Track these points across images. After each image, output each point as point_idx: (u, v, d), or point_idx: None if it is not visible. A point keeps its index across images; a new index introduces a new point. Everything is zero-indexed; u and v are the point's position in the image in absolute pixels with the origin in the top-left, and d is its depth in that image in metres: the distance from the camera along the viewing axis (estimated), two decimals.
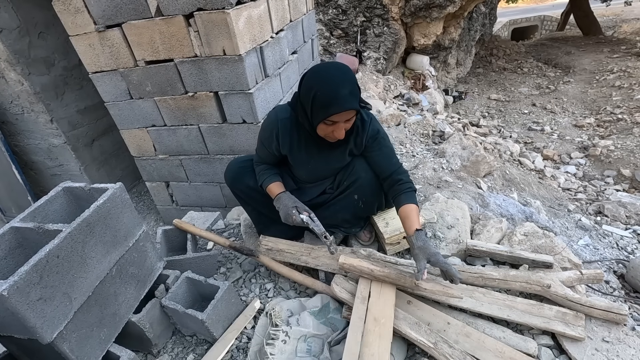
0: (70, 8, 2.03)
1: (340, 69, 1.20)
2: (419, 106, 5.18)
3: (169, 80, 2.16)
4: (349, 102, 1.15)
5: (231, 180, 1.57)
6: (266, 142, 1.43)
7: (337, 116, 1.16)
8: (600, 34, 11.37)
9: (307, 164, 1.44)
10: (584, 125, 5.79)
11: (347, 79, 1.17)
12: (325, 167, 1.46)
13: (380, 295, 1.26)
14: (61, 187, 1.23)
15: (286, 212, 1.35)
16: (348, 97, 1.14)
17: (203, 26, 1.91)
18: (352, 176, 1.43)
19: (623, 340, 1.14)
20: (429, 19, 5.55)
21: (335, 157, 1.43)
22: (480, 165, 2.76)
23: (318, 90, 1.16)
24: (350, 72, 1.21)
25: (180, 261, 1.55)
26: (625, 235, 2.48)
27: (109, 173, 3.50)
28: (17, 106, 2.93)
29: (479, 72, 8.98)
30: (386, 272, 1.28)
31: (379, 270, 1.28)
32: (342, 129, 1.22)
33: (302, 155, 1.42)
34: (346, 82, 1.16)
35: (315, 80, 1.18)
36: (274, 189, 1.43)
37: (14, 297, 0.85)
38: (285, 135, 1.38)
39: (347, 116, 1.18)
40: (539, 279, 1.28)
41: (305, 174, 1.49)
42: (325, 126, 1.22)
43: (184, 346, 1.37)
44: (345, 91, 1.14)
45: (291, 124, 1.36)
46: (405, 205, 1.29)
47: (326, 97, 1.14)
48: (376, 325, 1.16)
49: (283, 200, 1.38)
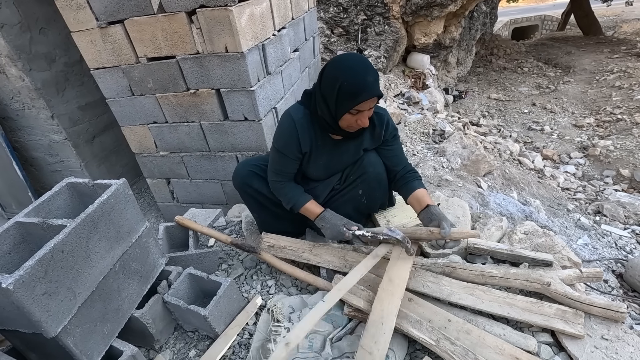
0: (72, 4, 2.03)
1: (361, 58, 1.22)
2: (419, 105, 5.19)
3: (170, 77, 2.16)
4: (376, 88, 1.18)
5: (240, 184, 1.55)
6: (286, 148, 1.37)
7: (364, 104, 1.18)
8: (601, 34, 11.38)
9: (320, 159, 1.44)
10: (584, 125, 5.80)
11: (370, 66, 1.20)
12: (339, 162, 1.47)
13: (397, 262, 1.33)
14: (65, 183, 1.23)
15: (337, 230, 1.36)
16: (374, 84, 1.17)
17: (205, 23, 1.91)
18: (359, 170, 1.45)
19: (622, 338, 1.16)
20: (429, 17, 5.55)
21: (350, 152, 1.44)
22: (480, 165, 2.77)
23: (344, 80, 1.16)
24: (368, 61, 1.23)
25: (182, 257, 1.56)
26: (624, 235, 2.50)
27: (109, 170, 3.50)
28: (17, 102, 2.92)
29: (480, 72, 8.99)
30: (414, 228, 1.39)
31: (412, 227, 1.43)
32: (367, 117, 1.24)
33: (321, 152, 1.42)
34: (370, 70, 1.18)
35: (339, 71, 1.18)
36: (311, 208, 1.42)
37: (20, 291, 0.85)
38: (305, 134, 1.36)
39: (372, 104, 1.21)
40: (539, 277, 1.29)
41: (322, 171, 1.48)
42: (350, 116, 1.23)
43: (186, 342, 1.38)
44: (371, 78, 1.16)
45: (308, 122, 1.35)
46: (418, 190, 1.40)
47: (353, 85, 1.16)
48: (390, 284, 1.25)
49: (329, 219, 1.38)
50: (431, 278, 1.35)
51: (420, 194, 1.40)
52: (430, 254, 1.56)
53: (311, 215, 1.42)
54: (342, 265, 1.46)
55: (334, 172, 1.51)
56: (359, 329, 1.29)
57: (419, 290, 1.32)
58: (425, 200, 1.37)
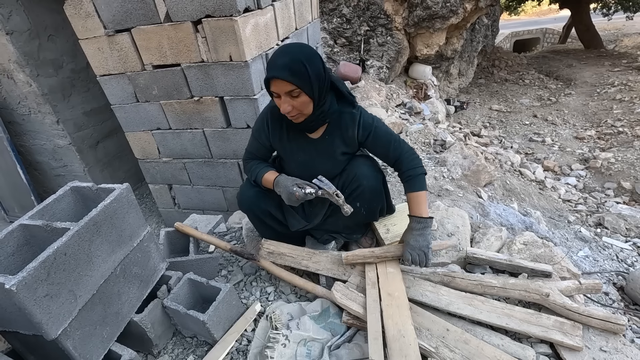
0: (81, 12, 2.08)
1: (293, 45, 1.22)
2: (420, 115, 5.22)
3: (175, 85, 2.20)
4: (281, 71, 1.14)
5: (248, 206, 1.53)
6: (257, 132, 1.46)
7: (273, 85, 1.19)
8: (602, 48, 11.47)
9: (296, 155, 1.44)
10: (585, 137, 5.82)
11: (290, 52, 1.18)
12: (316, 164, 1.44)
13: (387, 275, 1.36)
14: (69, 187, 1.25)
15: (288, 191, 1.31)
16: (280, 67, 1.15)
17: (211, 32, 1.95)
18: (354, 183, 1.42)
19: (621, 350, 1.15)
20: (432, 29, 5.62)
21: (325, 153, 1.41)
22: (481, 175, 2.78)
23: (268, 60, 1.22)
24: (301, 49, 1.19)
25: (182, 263, 1.57)
26: (625, 248, 2.49)
27: (112, 175, 3.53)
28: (24, 107, 2.97)
29: (481, 83, 9.05)
30: (385, 249, 1.43)
31: (379, 250, 1.43)
32: (285, 102, 1.21)
33: (292, 145, 1.42)
34: (286, 55, 1.17)
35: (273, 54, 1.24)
36: (269, 177, 1.41)
37: (22, 292, 0.86)
38: (275, 123, 1.41)
39: (282, 87, 1.17)
40: (538, 287, 1.29)
41: (296, 169, 1.47)
42: (276, 99, 1.24)
43: (184, 347, 1.38)
44: (281, 61, 1.15)
45: (279, 114, 1.34)
46: (412, 194, 1.37)
47: (268, 65, 1.20)
48: (392, 299, 1.26)
49: (282, 182, 1.35)
50: (430, 287, 1.36)
51: (411, 198, 1.36)
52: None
53: (269, 184, 1.41)
54: (342, 273, 1.47)
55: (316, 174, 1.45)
56: (358, 337, 1.29)
57: (418, 299, 1.33)
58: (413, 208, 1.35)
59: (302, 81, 1.16)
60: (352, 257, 1.44)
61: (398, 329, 1.16)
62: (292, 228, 1.53)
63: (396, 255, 1.41)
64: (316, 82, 1.20)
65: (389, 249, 1.43)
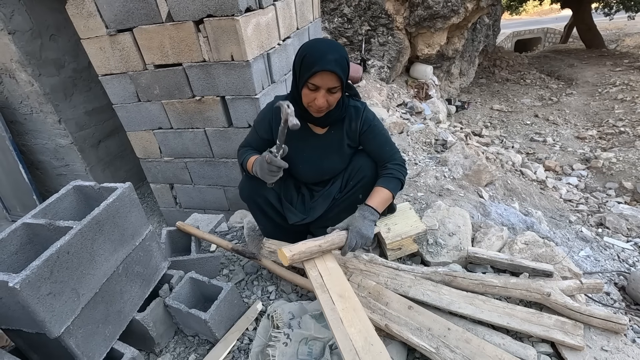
0: (83, 12, 2.08)
1: (333, 42, 1.26)
2: (421, 115, 5.22)
3: (177, 84, 2.20)
4: (332, 65, 1.18)
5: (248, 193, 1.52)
6: (259, 124, 1.46)
7: (319, 78, 1.19)
8: (603, 47, 11.46)
9: (303, 152, 1.44)
10: (586, 137, 5.82)
11: (337, 48, 1.22)
12: (323, 161, 1.44)
13: (329, 271, 1.23)
14: (71, 186, 1.25)
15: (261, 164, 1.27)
16: (332, 62, 1.18)
17: (212, 32, 1.96)
18: (359, 174, 1.43)
19: (622, 350, 1.15)
20: (433, 29, 5.62)
21: (334, 147, 1.42)
22: (482, 175, 2.78)
23: (308, 53, 1.21)
24: (342, 48, 1.25)
25: (184, 262, 1.57)
26: (627, 248, 2.49)
27: (113, 174, 3.53)
28: (26, 106, 2.98)
29: (482, 83, 9.05)
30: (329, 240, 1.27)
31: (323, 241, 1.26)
32: (324, 97, 1.23)
33: (298, 142, 1.41)
34: (334, 50, 1.20)
35: (307, 46, 1.24)
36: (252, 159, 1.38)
37: (26, 290, 0.87)
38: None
39: (329, 81, 1.20)
40: (539, 287, 1.29)
41: (304, 166, 1.47)
42: (308, 91, 1.24)
43: (186, 346, 1.38)
44: (331, 56, 1.18)
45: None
46: (375, 187, 1.37)
47: (312, 57, 1.20)
48: (345, 302, 1.14)
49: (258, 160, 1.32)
50: (431, 287, 1.36)
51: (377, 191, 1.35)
52: (430, 262, 1.57)
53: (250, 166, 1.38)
54: (343, 272, 1.47)
55: (321, 172, 1.48)
56: None
57: (419, 298, 1.33)
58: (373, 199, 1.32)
59: (345, 78, 1.22)
60: (298, 255, 1.21)
61: (364, 337, 1.05)
62: (289, 221, 1.52)
63: (339, 244, 1.28)
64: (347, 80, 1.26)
65: (333, 240, 1.28)
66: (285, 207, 1.54)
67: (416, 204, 2.14)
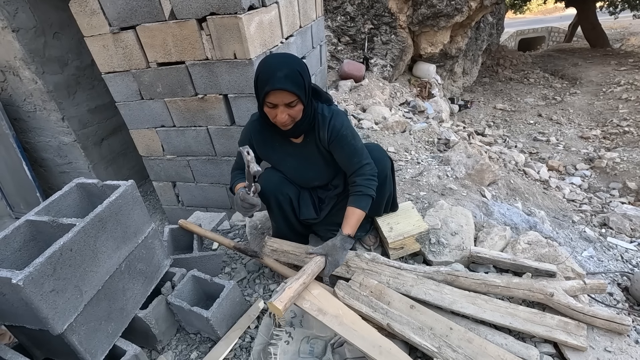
0: (87, 10, 2.08)
1: (284, 56, 1.25)
2: (424, 114, 5.21)
3: (179, 82, 2.20)
4: (282, 82, 1.17)
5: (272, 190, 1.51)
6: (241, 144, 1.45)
7: (273, 96, 1.20)
8: (608, 47, 11.37)
9: (285, 162, 1.48)
10: (590, 137, 5.78)
11: (287, 63, 1.21)
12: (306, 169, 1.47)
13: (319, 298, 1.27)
14: (75, 183, 1.26)
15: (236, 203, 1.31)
16: (282, 79, 1.17)
17: (215, 30, 1.96)
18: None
19: (625, 351, 1.15)
20: (436, 27, 5.59)
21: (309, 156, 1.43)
22: (485, 174, 2.77)
23: (260, 72, 1.22)
24: (294, 61, 1.24)
25: (186, 260, 1.57)
26: (630, 248, 2.47)
27: (116, 172, 3.55)
28: (30, 104, 2.99)
29: (485, 82, 9.00)
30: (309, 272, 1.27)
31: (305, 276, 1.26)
32: (283, 113, 1.23)
33: (279, 154, 1.46)
34: (284, 66, 1.19)
35: (260, 65, 1.24)
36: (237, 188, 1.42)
37: (29, 287, 0.87)
38: (258, 136, 1.43)
39: (283, 98, 1.20)
40: (542, 287, 1.29)
41: (289, 175, 1.51)
42: (269, 109, 1.25)
43: (188, 343, 1.39)
44: (281, 73, 1.18)
45: (261, 125, 1.41)
46: (347, 208, 1.38)
47: (264, 76, 1.20)
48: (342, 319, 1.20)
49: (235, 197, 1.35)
50: (433, 286, 1.35)
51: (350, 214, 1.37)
52: (432, 261, 1.57)
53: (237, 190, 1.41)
54: (345, 271, 1.47)
55: (308, 177, 1.51)
56: None
57: (421, 298, 1.33)
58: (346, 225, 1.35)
59: (301, 91, 1.21)
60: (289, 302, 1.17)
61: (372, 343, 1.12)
62: (301, 216, 1.55)
63: (318, 273, 1.31)
64: (308, 90, 1.26)
65: (312, 271, 1.29)
66: (302, 201, 1.56)
67: (418, 203, 2.13)
